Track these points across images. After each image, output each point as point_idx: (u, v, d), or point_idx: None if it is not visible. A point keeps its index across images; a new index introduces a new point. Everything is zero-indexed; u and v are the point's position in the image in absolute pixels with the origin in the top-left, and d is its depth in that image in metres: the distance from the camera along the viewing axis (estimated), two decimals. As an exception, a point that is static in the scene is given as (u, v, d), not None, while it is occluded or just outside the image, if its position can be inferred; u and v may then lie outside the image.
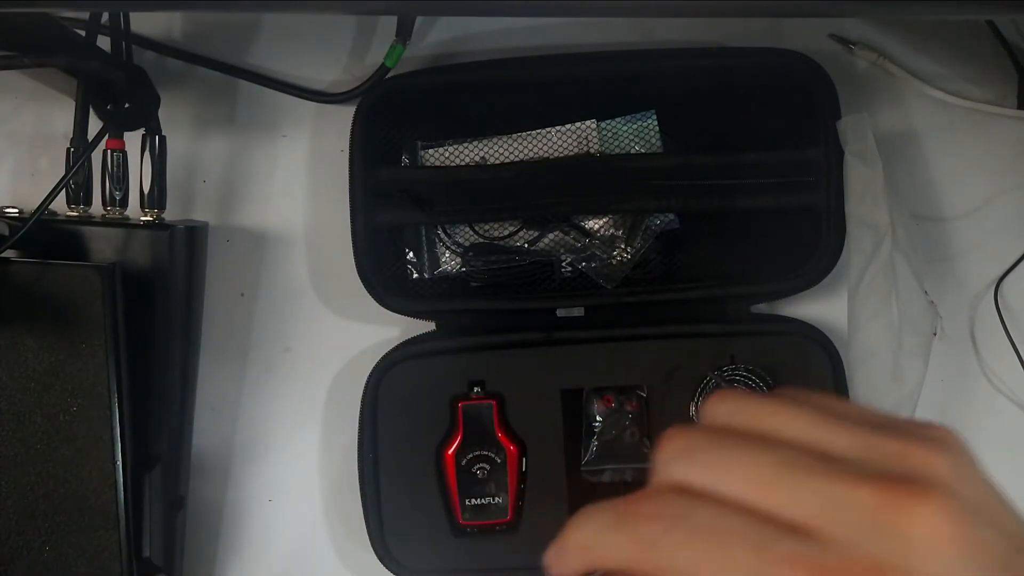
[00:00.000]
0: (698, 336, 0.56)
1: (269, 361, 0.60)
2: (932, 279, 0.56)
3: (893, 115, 0.59)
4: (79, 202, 0.54)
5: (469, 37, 0.59)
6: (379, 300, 0.56)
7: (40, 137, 0.61)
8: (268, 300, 0.60)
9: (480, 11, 0.55)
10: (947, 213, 0.59)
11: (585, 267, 0.57)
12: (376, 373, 0.56)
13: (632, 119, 0.58)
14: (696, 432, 0.25)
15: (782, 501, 0.23)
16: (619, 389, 0.57)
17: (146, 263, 0.53)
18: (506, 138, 0.57)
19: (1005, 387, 0.59)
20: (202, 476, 0.59)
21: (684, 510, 0.24)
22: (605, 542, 0.25)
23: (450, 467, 0.55)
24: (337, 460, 0.59)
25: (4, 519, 0.51)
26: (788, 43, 0.57)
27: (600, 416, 0.57)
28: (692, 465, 0.25)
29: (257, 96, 0.60)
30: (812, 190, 0.55)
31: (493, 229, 0.58)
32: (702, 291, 0.56)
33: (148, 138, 0.55)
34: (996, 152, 0.59)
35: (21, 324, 0.51)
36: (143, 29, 0.60)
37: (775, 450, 0.24)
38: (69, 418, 0.51)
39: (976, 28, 0.59)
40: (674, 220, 0.58)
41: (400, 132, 0.58)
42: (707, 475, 0.24)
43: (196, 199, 0.60)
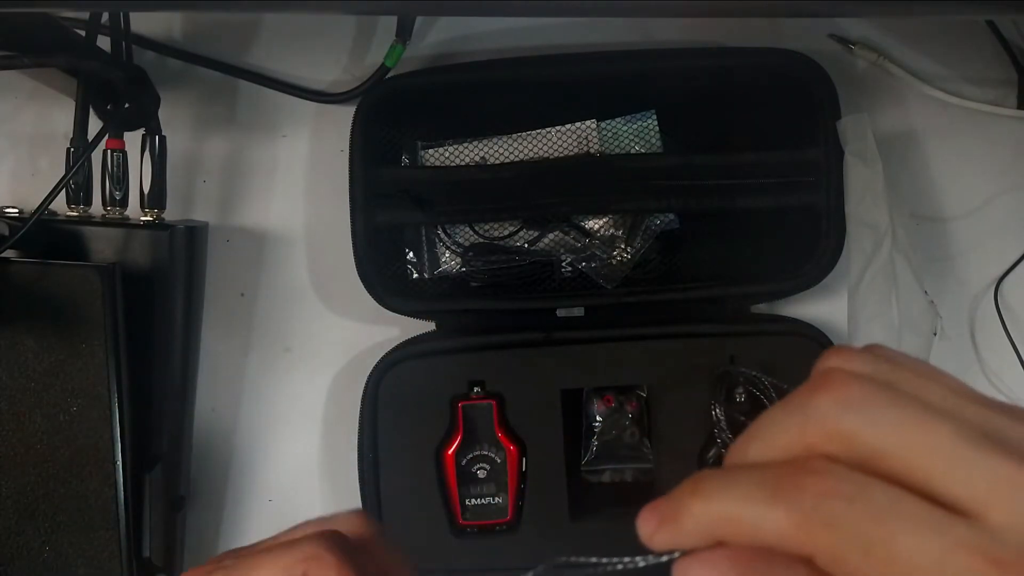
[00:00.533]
0: (698, 336, 0.56)
1: (269, 361, 0.60)
2: (932, 279, 0.56)
3: (893, 115, 0.59)
4: (79, 202, 0.54)
5: (469, 37, 0.59)
6: (379, 300, 0.56)
7: (40, 137, 0.61)
8: (268, 300, 0.60)
9: (480, 11, 0.55)
10: (947, 213, 0.59)
11: (585, 267, 0.57)
12: (376, 373, 0.56)
13: (632, 119, 0.58)
14: (866, 384, 0.22)
15: (956, 477, 0.21)
16: (619, 389, 0.57)
17: (146, 263, 0.53)
18: (506, 138, 0.57)
19: (1005, 387, 0.59)
20: (202, 476, 0.59)
21: (860, 486, 0.21)
22: (756, 515, 0.22)
23: (450, 467, 0.55)
24: (337, 460, 0.59)
25: (4, 519, 0.51)
26: (788, 43, 0.57)
27: (600, 416, 0.57)
28: (868, 422, 0.21)
29: (257, 96, 0.60)
30: (812, 190, 0.55)
31: (493, 229, 0.58)
32: (702, 291, 0.56)
33: (148, 138, 0.55)
34: (996, 152, 0.59)
35: (21, 324, 0.51)
36: (143, 29, 0.60)
37: (948, 419, 0.21)
38: (69, 418, 0.51)
39: (976, 28, 0.59)
40: (674, 220, 0.58)
41: (400, 132, 0.58)
42: (884, 436, 0.21)
43: (196, 199, 0.60)
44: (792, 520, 0.21)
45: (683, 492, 0.24)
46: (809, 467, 0.22)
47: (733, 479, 0.23)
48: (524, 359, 0.56)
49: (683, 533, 0.23)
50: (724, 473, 0.23)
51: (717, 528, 0.23)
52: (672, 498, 0.24)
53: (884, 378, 0.23)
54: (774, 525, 0.22)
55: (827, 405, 0.22)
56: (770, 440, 0.23)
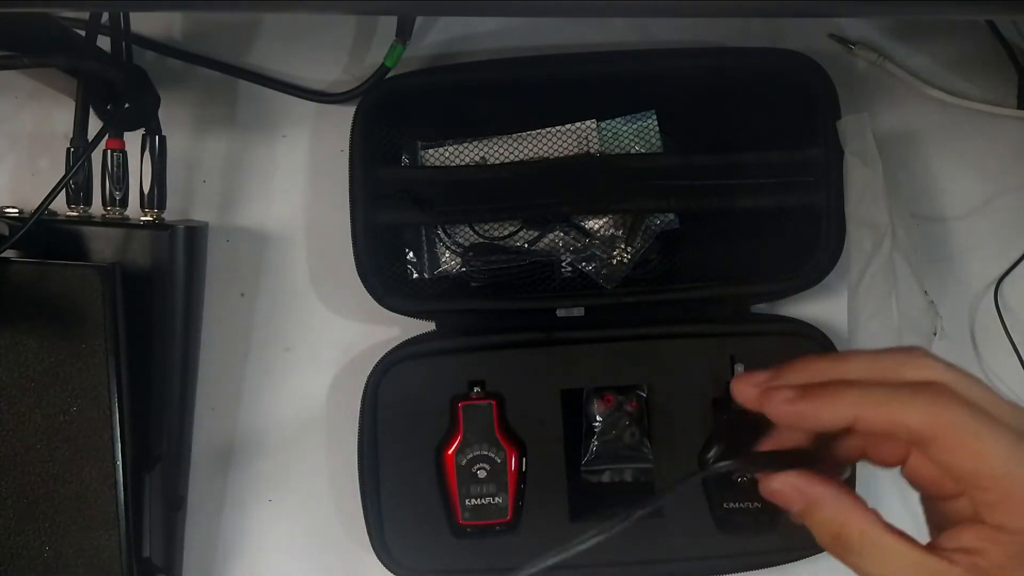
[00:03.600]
0: (698, 336, 0.56)
1: (269, 361, 0.60)
2: (932, 279, 0.56)
3: (893, 115, 0.59)
4: (79, 202, 0.54)
5: (469, 37, 0.59)
6: (379, 300, 0.56)
7: (40, 137, 0.61)
8: (268, 300, 0.60)
9: (480, 11, 0.55)
10: (947, 213, 0.59)
11: (585, 267, 0.57)
12: (376, 373, 0.56)
13: (632, 119, 0.58)
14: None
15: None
16: (619, 389, 0.57)
17: (146, 263, 0.53)
18: (506, 138, 0.57)
19: (1005, 387, 0.59)
20: (202, 476, 0.59)
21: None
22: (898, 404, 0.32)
23: (450, 467, 0.55)
24: (337, 460, 0.59)
25: (4, 519, 0.51)
26: (788, 43, 0.57)
27: (600, 416, 0.57)
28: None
29: (257, 96, 0.60)
30: (812, 190, 0.55)
31: (493, 229, 0.58)
32: (702, 291, 0.56)
33: (148, 138, 0.55)
34: (996, 152, 0.59)
35: (21, 324, 0.51)
36: (143, 29, 0.60)
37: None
38: (69, 418, 0.51)
39: (976, 28, 0.59)
40: (674, 220, 0.58)
41: (400, 132, 0.58)
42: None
43: (196, 199, 0.60)
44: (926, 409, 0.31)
45: (830, 385, 0.33)
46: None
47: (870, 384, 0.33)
48: (524, 359, 0.56)
49: (825, 409, 0.33)
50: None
51: (859, 413, 0.32)
52: (816, 386, 0.33)
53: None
54: (915, 418, 0.31)
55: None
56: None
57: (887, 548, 0.32)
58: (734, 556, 0.55)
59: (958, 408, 0.31)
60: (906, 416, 0.31)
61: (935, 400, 0.32)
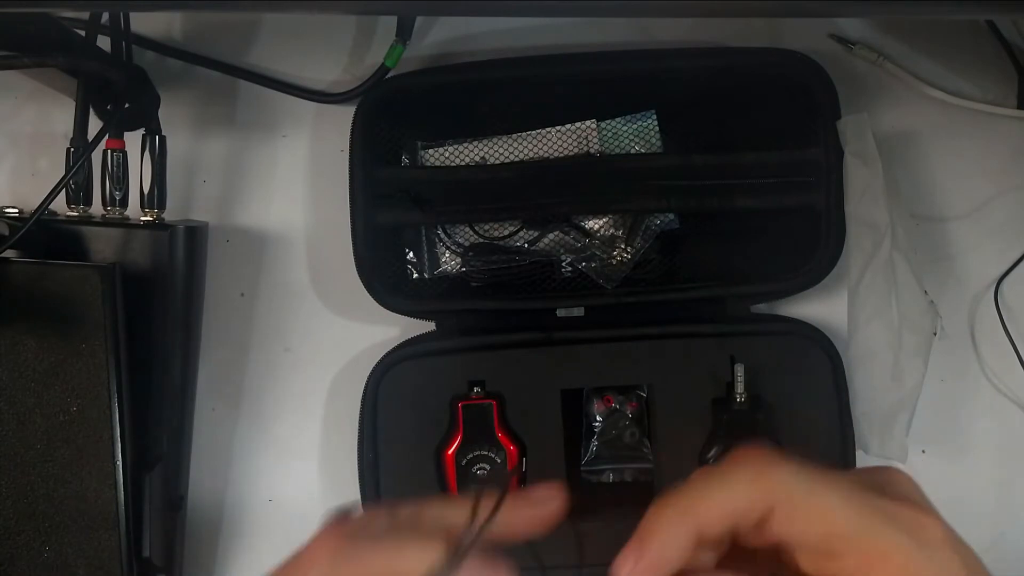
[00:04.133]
0: (698, 336, 0.56)
1: (269, 361, 0.60)
2: (932, 279, 0.56)
3: (893, 115, 0.59)
4: (79, 202, 0.54)
5: (469, 37, 0.59)
6: (379, 300, 0.56)
7: (40, 137, 0.61)
8: (268, 300, 0.60)
9: (480, 11, 0.55)
10: (947, 213, 0.59)
11: (585, 267, 0.57)
12: (376, 373, 0.56)
13: (632, 119, 0.58)
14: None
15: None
16: (619, 389, 0.57)
17: (146, 263, 0.53)
18: (506, 138, 0.57)
19: (1005, 387, 0.59)
20: (202, 476, 0.59)
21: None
22: (725, 499, 0.29)
23: (450, 467, 0.55)
24: (337, 460, 0.59)
25: (4, 519, 0.51)
26: (788, 43, 0.57)
27: (600, 416, 0.57)
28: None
29: (257, 96, 0.60)
30: (812, 190, 0.55)
31: (493, 229, 0.58)
32: (702, 291, 0.56)
33: (148, 138, 0.55)
34: (996, 152, 0.59)
35: (21, 324, 0.51)
36: (143, 29, 0.60)
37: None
38: (69, 418, 0.51)
39: (976, 28, 0.59)
40: (674, 220, 0.58)
41: (400, 132, 0.58)
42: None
43: (196, 199, 0.60)
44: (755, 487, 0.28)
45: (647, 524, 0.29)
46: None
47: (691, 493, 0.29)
48: (524, 359, 0.56)
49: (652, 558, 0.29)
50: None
51: (689, 518, 0.29)
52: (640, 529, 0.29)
53: None
54: (742, 496, 0.28)
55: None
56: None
57: None
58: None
59: (784, 470, 0.28)
60: (732, 494, 0.28)
61: (757, 469, 0.28)
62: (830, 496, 0.28)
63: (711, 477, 0.29)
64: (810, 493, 0.28)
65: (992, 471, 0.59)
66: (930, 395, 0.55)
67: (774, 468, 0.28)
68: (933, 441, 0.58)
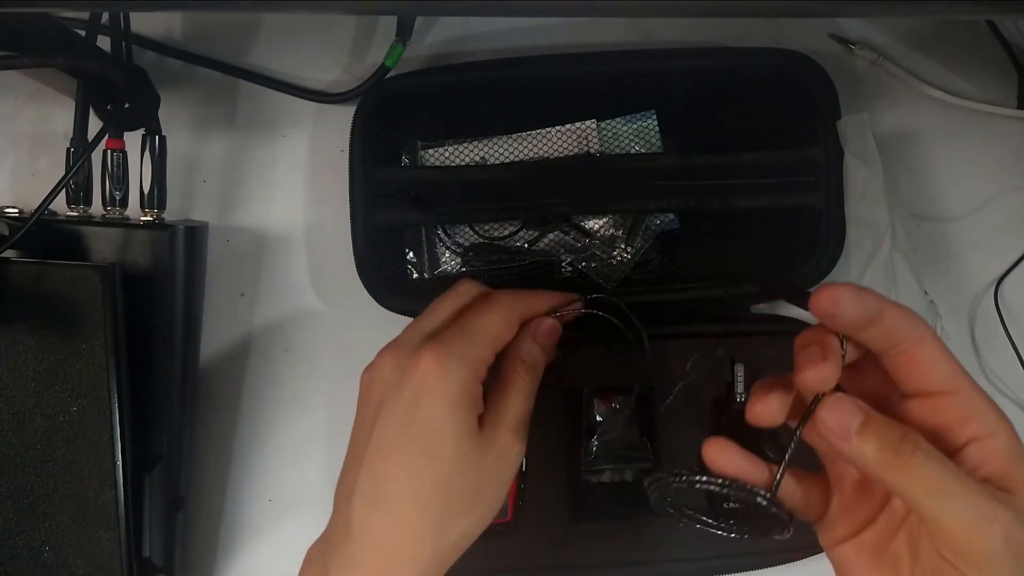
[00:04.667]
0: (698, 336, 0.56)
1: (269, 361, 0.60)
2: (932, 279, 0.56)
3: (893, 115, 0.59)
4: (79, 202, 0.54)
5: (469, 37, 0.59)
6: (379, 300, 0.56)
7: (40, 137, 0.61)
8: (268, 300, 0.60)
9: (480, 11, 0.55)
10: (947, 213, 0.59)
11: (585, 267, 0.57)
12: (376, 373, 0.56)
13: (632, 119, 0.58)
14: None
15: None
16: (619, 389, 0.57)
17: (146, 263, 0.53)
18: (506, 138, 0.57)
19: (1005, 387, 0.59)
20: (202, 476, 0.59)
21: None
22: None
23: (450, 467, 0.55)
24: (337, 460, 0.59)
25: (4, 519, 0.51)
26: (788, 43, 0.57)
27: (600, 416, 0.57)
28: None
29: (257, 96, 0.60)
30: (812, 190, 0.55)
31: (493, 229, 0.58)
32: (702, 291, 0.56)
33: (148, 138, 0.55)
34: (996, 152, 0.59)
35: (21, 324, 0.51)
36: (143, 29, 0.60)
37: None
38: (69, 418, 0.51)
39: (976, 28, 0.59)
40: (674, 220, 0.58)
41: (400, 132, 0.58)
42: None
43: (196, 199, 0.60)
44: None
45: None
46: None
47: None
48: None
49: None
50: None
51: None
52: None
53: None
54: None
55: None
56: None
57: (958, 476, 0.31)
58: (734, 556, 0.55)
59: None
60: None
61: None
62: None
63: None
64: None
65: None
66: (930, 395, 0.55)
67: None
68: (933, 441, 0.58)
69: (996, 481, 0.32)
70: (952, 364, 0.33)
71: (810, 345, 0.34)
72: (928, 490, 0.31)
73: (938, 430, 0.33)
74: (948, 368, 0.33)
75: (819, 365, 0.33)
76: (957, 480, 0.31)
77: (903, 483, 0.31)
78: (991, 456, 0.32)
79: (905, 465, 0.31)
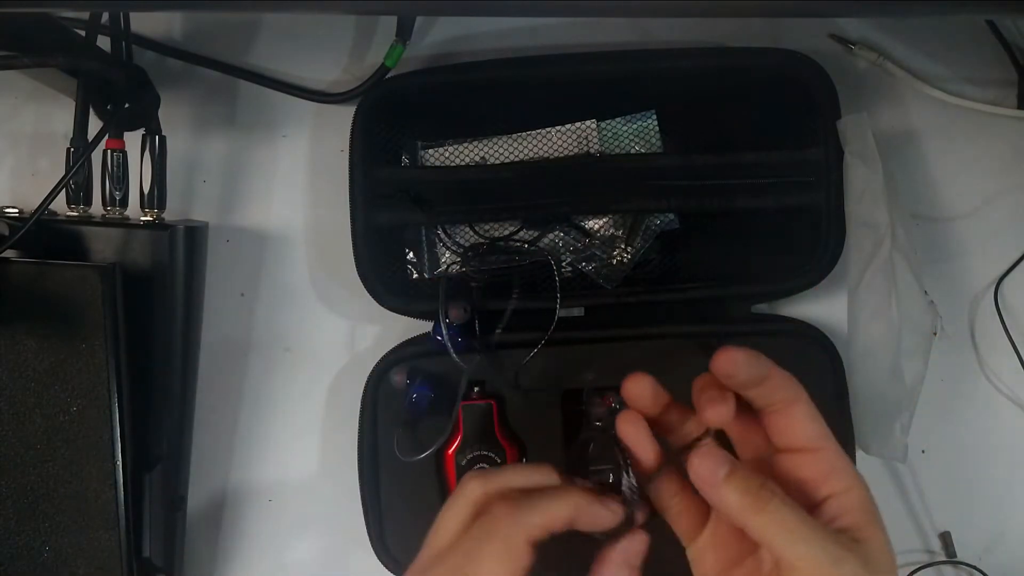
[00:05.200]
0: (698, 336, 0.56)
1: (269, 361, 0.60)
2: (932, 279, 0.56)
3: (893, 115, 0.59)
4: (79, 202, 0.54)
5: (469, 37, 0.59)
6: (379, 300, 0.56)
7: (40, 137, 0.61)
8: (268, 300, 0.60)
9: (480, 11, 0.55)
10: (947, 213, 0.59)
11: (585, 267, 0.57)
12: (376, 373, 0.56)
13: (632, 119, 0.58)
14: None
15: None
16: (619, 389, 0.57)
17: (146, 263, 0.53)
18: (506, 138, 0.57)
19: (1005, 387, 0.59)
20: (202, 476, 0.59)
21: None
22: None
23: (450, 467, 0.55)
24: (337, 460, 0.59)
25: (4, 519, 0.51)
26: (788, 43, 0.57)
27: (599, 416, 0.57)
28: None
29: (257, 96, 0.60)
30: (812, 190, 0.55)
31: (493, 229, 0.58)
32: (702, 291, 0.56)
33: (148, 138, 0.55)
34: (996, 152, 0.59)
35: (21, 324, 0.51)
36: (143, 29, 0.60)
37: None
38: (69, 418, 0.51)
39: (976, 28, 0.59)
40: (674, 220, 0.58)
41: (400, 132, 0.58)
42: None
43: (196, 199, 0.60)
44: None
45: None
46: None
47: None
48: (524, 359, 0.56)
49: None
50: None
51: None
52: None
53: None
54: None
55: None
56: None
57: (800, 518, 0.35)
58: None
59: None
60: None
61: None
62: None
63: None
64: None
65: (992, 471, 0.59)
66: (930, 395, 0.55)
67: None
68: (933, 441, 0.58)
69: (850, 532, 0.35)
70: (820, 425, 0.37)
71: (708, 389, 0.39)
72: (783, 532, 0.34)
73: (803, 483, 0.37)
74: (816, 428, 0.37)
75: (718, 406, 0.38)
76: (809, 526, 0.34)
77: (761, 526, 0.35)
78: (847, 510, 0.36)
79: (763, 511, 0.35)
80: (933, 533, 0.59)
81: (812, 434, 0.37)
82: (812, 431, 0.37)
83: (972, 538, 0.59)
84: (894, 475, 0.59)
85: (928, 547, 0.59)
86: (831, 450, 0.37)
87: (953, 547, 0.58)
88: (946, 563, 0.59)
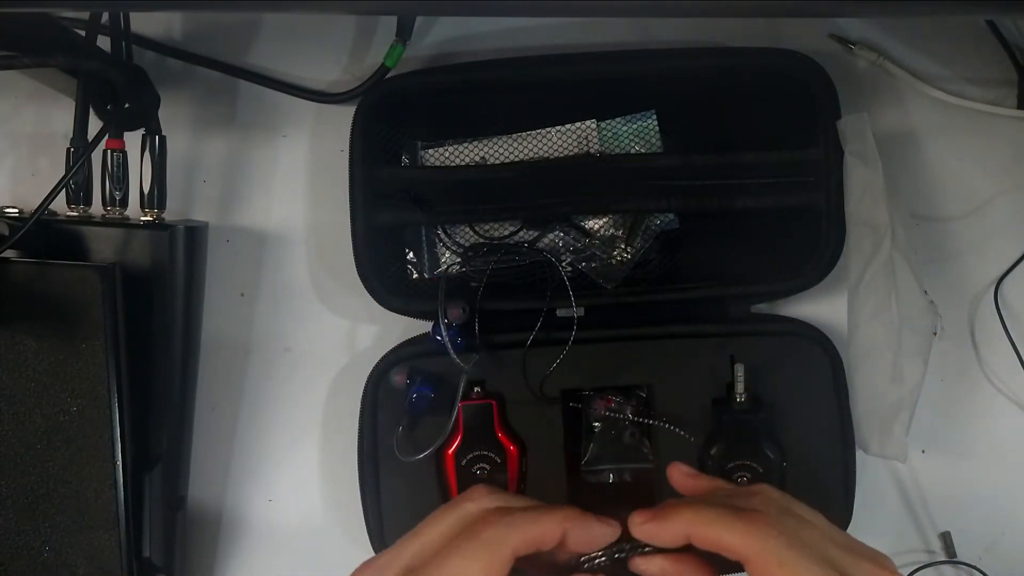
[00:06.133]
0: (698, 336, 0.56)
1: (269, 361, 0.60)
2: (932, 279, 0.56)
3: (893, 115, 0.59)
4: (79, 202, 0.54)
5: (469, 37, 0.59)
6: (379, 300, 0.56)
7: (40, 137, 0.61)
8: (268, 300, 0.60)
9: (480, 11, 0.55)
10: (947, 213, 0.59)
11: (585, 267, 0.57)
12: (376, 373, 0.56)
13: (632, 119, 0.58)
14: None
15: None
16: (619, 389, 0.57)
17: (146, 263, 0.53)
18: (506, 138, 0.57)
19: (1005, 387, 0.59)
20: (202, 476, 0.59)
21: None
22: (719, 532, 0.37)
23: (450, 467, 0.55)
24: (337, 460, 0.59)
25: (4, 519, 0.51)
26: (788, 43, 0.57)
27: (599, 416, 0.57)
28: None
29: (257, 96, 0.60)
30: (812, 190, 0.55)
31: (493, 229, 0.58)
32: (702, 291, 0.56)
33: (148, 138, 0.55)
34: (996, 152, 0.59)
35: (21, 324, 0.51)
36: (143, 29, 0.60)
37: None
38: (69, 418, 0.51)
39: (976, 28, 0.59)
40: (674, 220, 0.58)
41: (400, 132, 0.58)
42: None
43: (196, 199, 0.60)
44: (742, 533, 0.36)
45: (671, 506, 0.39)
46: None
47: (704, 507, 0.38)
48: (524, 359, 0.56)
49: (665, 530, 0.38)
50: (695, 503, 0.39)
51: (691, 532, 0.37)
52: (663, 507, 0.39)
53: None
54: (732, 540, 0.36)
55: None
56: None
57: None
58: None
59: (771, 534, 0.36)
60: (725, 538, 0.37)
61: (750, 526, 0.36)
62: (801, 570, 0.36)
63: (717, 516, 0.38)
64: (781, 564, 0.36)
65: (992, 471, 0.59)
66: (930, 395, 0.55)
67: (765, 531, 0.36)
68: (933, 441, 0.59)
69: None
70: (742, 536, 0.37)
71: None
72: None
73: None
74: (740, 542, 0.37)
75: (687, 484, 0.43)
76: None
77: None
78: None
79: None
80: (933, 533, 0.59)
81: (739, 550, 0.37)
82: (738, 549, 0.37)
83: (972, 538, 0.59)
84: (894, 475, 0.59)
85: (928, 547, 0.59)
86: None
87: (953, 547, 0.58)
88: (946, 563, 0.59)
